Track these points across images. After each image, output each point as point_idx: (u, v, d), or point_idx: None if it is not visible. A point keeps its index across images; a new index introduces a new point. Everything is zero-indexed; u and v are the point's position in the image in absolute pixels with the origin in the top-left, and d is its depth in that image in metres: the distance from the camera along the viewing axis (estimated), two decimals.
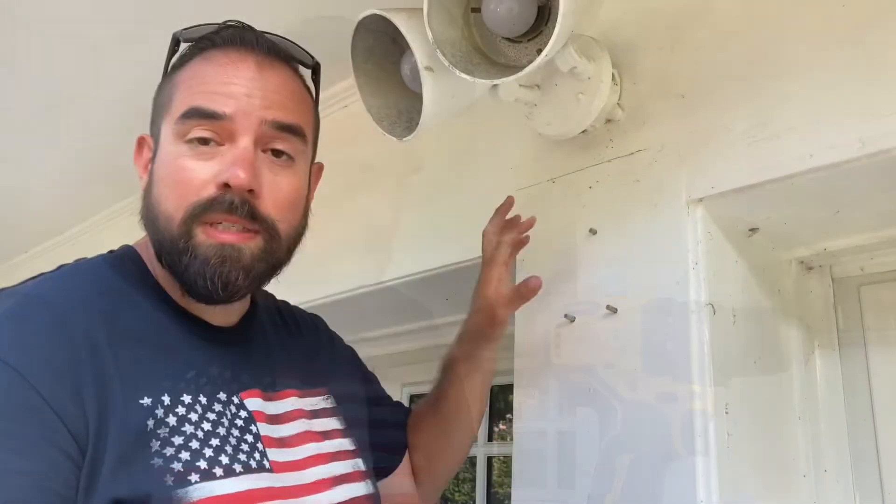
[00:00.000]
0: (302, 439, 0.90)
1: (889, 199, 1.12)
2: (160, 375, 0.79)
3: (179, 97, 0.86)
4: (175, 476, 0.74)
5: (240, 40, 0.87)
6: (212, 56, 0.87)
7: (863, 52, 1.02)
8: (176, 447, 0.76)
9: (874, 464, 1.21)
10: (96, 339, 0.76)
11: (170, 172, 0.84)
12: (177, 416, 0.78)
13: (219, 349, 0.88)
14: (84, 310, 0.78)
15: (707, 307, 1.11)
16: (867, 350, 1.27)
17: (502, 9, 1.07)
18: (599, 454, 1.15)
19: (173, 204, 0.83)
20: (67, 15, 1.63)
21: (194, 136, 0.83)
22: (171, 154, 0.84)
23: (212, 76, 0.85)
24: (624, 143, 1.25)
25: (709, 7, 1.19)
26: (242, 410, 0.85)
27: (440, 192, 1.61)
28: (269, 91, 0.86)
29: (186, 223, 0.82)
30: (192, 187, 0.82)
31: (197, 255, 0.82)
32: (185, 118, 0.83)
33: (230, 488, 0.77)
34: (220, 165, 0.83)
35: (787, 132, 1.07)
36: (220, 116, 0.83)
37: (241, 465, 0.80)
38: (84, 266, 0.87)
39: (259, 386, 0.89)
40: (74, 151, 2.25)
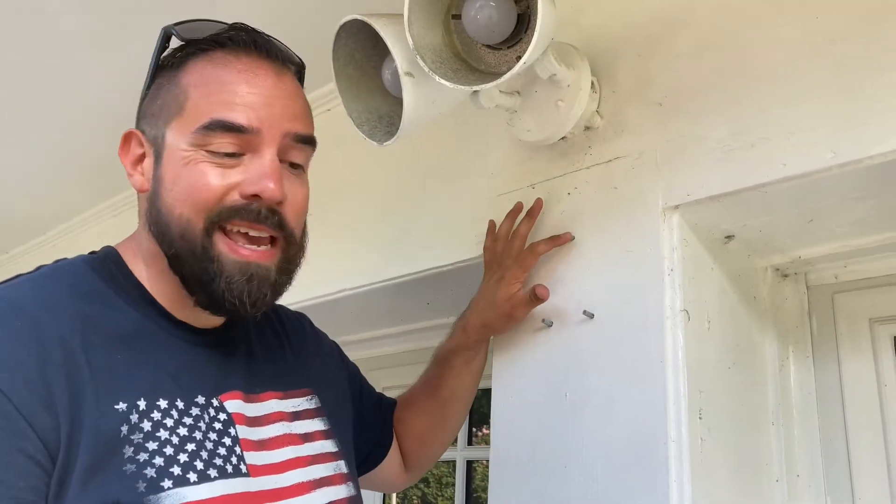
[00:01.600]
0: (281, 442, 0.90)
1: (861, 209, 1.14)
2: (136, 379, 0.79)
3: (194, 103, 0.84)
4: (148, 482, 0.74)
5: (253, 45, 0.87)
6: (223, 60, 0.86)
7: (835, 63, 1.04)
8: (150, 452, 0.76)
9: (846, 469, 1.23)
10: (70, 344, 0.76)
11: (188, 180, 0.83)
12: (152, 421, 0.78)
13: (200, 351, 0.88)
14: (59, 314, 0.78)
15: (682, 313, 1.12)
16: (840, 357, 1.29)
17: (482, 16, 1.08)
18: (574, 459, 1.15)
19: (191, 209, 0.82)
20: (49, 12, 1.62)
21: (218, 149, 0.83)
22: (187, 160, 0.83)
23: (230, 84, 0.84)
24: (602, 150, 1.26)
25: (687, 17, 1.21)
26: (222, 413, 0.85)
27: (421, 197, 1.61)
28: (288, 99, 0.87)
29: (207, 229, 0.82)
30: (213, 194, 0.82)
31: (222, 268, 0.82)
32: (207, 130, 0.82)
33: (204, 494, 0.77)
34: (244, 175, 0.83)
35: (762, 141, 1.09)
36: (245, 130, 0.83)
37: (217, 470, 0.80)
38: (63, 267, 0.86)
39: (240, 388, 0.89)
40: (55, 151, 2.23)
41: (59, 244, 2.83)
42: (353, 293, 1.70)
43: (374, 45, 1.18)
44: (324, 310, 1.85)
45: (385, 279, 1.63)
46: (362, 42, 1.19)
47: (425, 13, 1.10)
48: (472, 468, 2.02)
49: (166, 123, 0.86)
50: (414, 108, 1.12)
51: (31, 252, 2.97)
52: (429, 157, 1.62)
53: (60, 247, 2.80)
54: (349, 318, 1.96)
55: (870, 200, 1.11)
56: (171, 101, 0.86)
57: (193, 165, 0.83)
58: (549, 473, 1.18)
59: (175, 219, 0.83)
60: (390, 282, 1.63)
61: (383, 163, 1.71)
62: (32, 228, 2.88)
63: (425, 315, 1.88)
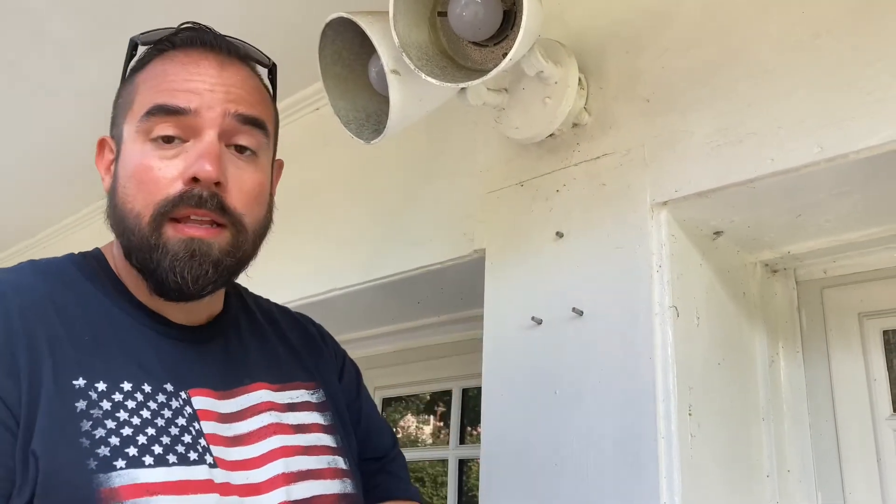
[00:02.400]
0: (265, 433, 0.89)
1: (848, 203, 1.14)
2: (100, 360, 0.81)
3: (141, 97, 0.86)
4: (100, 461, 0.75)
5: (199, 41, 0.88)
6: (172, 56, 0.88)
7: (821, 58, 1.04)
8: (107, 430, 0.77)
9: (836, 464, 1.23)
10: (31, 320, 0.78)
11: (135, 171, 0.84)
12: (112, 402, 0.78)
13: (174, 346, 0.88)
14: (23, 292, 0.81)
15: (671, 309, 1.12)
16: (829, 352, 1.29)
17: (468, 13, 1.08)
18: (565, 456, 1.15)
19: (141, 202, 0.83)
20: (35, 14, 1.62)
21: (158, 133, 0.84)
22: (135, 153, 0.85)
23: (173, 74, 0.86)
24: (590, 146, 1.26)
25: (674, 13, 1.21)
26: (188, 406, 0.84)
27: (410, 196, 1.61)
28: (231, 86, 0.87)
29: (156, 220, 0.83)
30: (159, 185, 0.83)
31: (167, 251, 0.82)
32: (148, 116, 0.84)
33: (157, 477, 0.77)
34: (186, 161, 0.83)
35: (749, 137, 1.09)
36: (183, 111, 0.83)
37: (177, 457, 0.80)
38: (43, 260, 0.88)
39: (212, 385, 0.88)
40: (45, 154, 2.23)
41: (50, 247, 2.82)
42: (343, 293, 1.70)
43: (362, 43, 1.17)
44: (314, 309, 1.84)
45: (375, 278, 1.63)
46: (349, 40, 1.18)
47: (411, 10, 1.10)
48: (468, 467, 2.02)
49: (122, 121, 0.88)
50: (401, 107, 1.12)
51: (21, 255, 2.96)
52: (417, 156, 1.61)
53: (51, 249, 2.79)
54: (340, 317, 1.95)
55: (857, 195, 1.11)
56: (126, 101, 0.89)
57: (140, 160, 0.84)
58: (539, 471, 1.18)
59: (128, 213, 0.85)
60: (380, 281, 1.62)
61: (371, 161, 1.71)
62: (23, 231, 2.87)
63: (416, 314, 1.87)
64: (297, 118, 1.92)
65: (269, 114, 0.93)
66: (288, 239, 1.86)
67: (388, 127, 1.13)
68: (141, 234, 0.83)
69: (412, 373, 2.11)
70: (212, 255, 0.84)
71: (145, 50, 0.91)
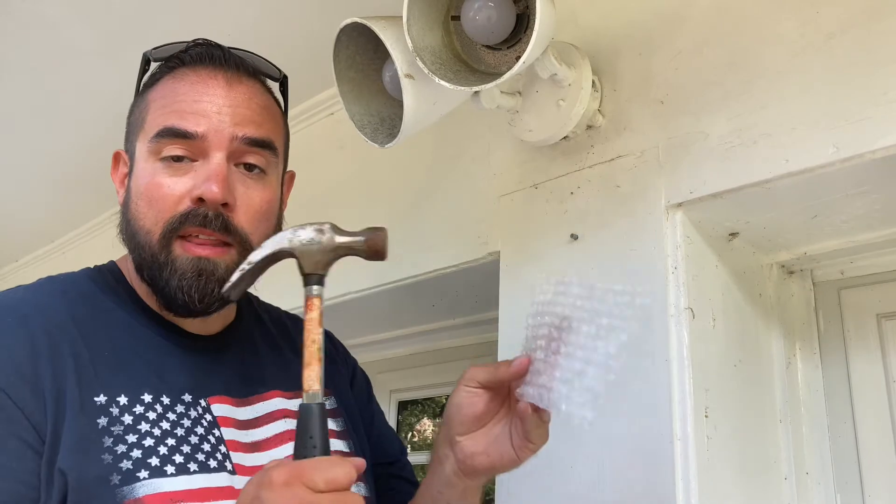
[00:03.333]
0: (281, 440, 0.91)
1: (864, 203, 1.13)
2: (121, 375, 0.82)
3: (152, 116, 0.89)
4: (123, 475, 0.77)
5: (209, 58, 0.90)
6: (182, 75, 0.90)
7: (835, 58, 1.04)
8: (129, 444, 0.78)
9: (855, 466, 1.22)
10: (56, 339, 0.80)
11: (146, 189, 0.87)
12: (133, 415, 0.80)
13: (191, 356, 0.89)
14: (46, 312, 0.82)
15: (686, 311, 1.12)
16: (847, 353, 1.28)
17: (481, 17, 1.08)
18: (581, 458, 1.15)
19: (151, 220, 0.86)
20: (55, 23, 1.64)
21: (168, 154, 0.86)
22: (146, 171, 0.88)
23: (182, 95, 0.88)
24: (605, 148, 1.26)
25: (687, 14, 1.21)
26: (207, 414, 0.86)
27: (425, 199, 1.61)
28: (239, 107, 0.89)
29: (165, 237, 0.85)
30: (168, 203, 0.85)
31: (175, 269, 0.85)
32: (158, 137, 0.87)
33: (180, 485, 0.79)
34: (194, 181, 0.86)
35: (764, 138, 1.08)
36: (192, 136, 0.86)
37: (198, 465, 0.81)
38: (60, 276, 0.91)
39: (228, 392, 0.90)
40: (64, 160, 2.25)
41: (69, 252, 2.84)
42: (358, 296, 1.71)
43: (376, 48, 1.18)
44: (329, 313, 1.84)
45: (389, 281, 1.63)
46: (363, 45, 1.19)
47: (424, 15, 1.10)
48: None
49: (135, 138, 0.91)
50: (415, 110, 1.12)
51: (40, 260, 2.99)
52: (431, 159, 1.62)
53: (69, 255, 2.82)
54: (355, 320, 1.96)
55: (873, 195, 1.11)
56: (138, 118, 0.91)
57: (151, 178, 0.87)
58: (555, 472, 1.18)
59: (139, 229, 0.87)
60: (395, 284, 1.63)
61: (385, 165, 1.72)
62: (41, 237, 2.90)
63: (430, 317, 1.88)
64: (312, 123, 1.93)
65: (279, 130, 0.95)
66: None
67: (402, 131, 1.14)
68: (151, 250, 0.86)
69: (427, 376, 2.11)
70: (217, 273, 0.85)
71: (157, 66, 0.93)
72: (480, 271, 1.48)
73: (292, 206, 2.07)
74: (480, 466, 0.86)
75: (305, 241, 0.81)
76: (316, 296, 0.80)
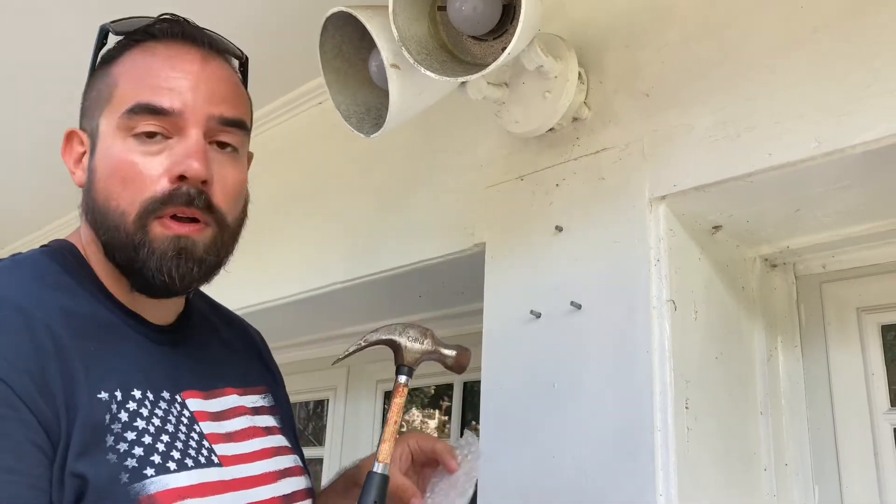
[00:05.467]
0: (247, 434, 0.91)
1: (847, 198, 1.14)
2: (111, 370, 0.80)
3: (122, 91, 0.85)
4: (130, 472, 0.75)
5: (181, 33, 0.87)
6: (153, 49, 0.86)
7: (819, 53, 1.04)
8: (129, 442, 0.77)
9: (833, 457, 1.24)
10: (57, 333, 0.76)
11: (118, 168, 0.83)
12: (128, 412, 0.78)
13: (160, 348, 0.88)
14: (39, 303, 0.78)
15: (668, 303, 1.13)
16: (828, 346, 1.29)
17: (467, 7, 1.09)
18: (563, 449, 1.16)
19: (126, 200, 0.82)
20: (46, 10, 1.63)
21: (141, 130, 0.83)
22: (116, 149, 0.83)
23: (156, 70, 0.85)
24: (590, 141, 1.27)
25: (673, 7, 1.21)
26: (185, 410, 0.85)
27: (411, 189, 1.62)
28: (215, 85, 0.86)
29: (142, 218, 0.82)
30: (145, 182, 0.82)
31: (153, 249, 0.82)
32: (131, 113, 0.83)
33: (184, 481, 0.78)
34: (171, 158, 0.83)
35: (748, 131, 1.09)
36: (168, 112, 0.83)
37: (192, 460, 0.81)
38: (24, 260, 0.85)
39: (198, 386, 0.89)
40: (47, 147, 2.23)
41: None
42: (344, 286, 1.71)
43: (362, 37, 1.18)
44: (317, 303, 1.86)
45: (376, 272, 1.64)
46: (349, 34, 1.19)
47: (411, 5, 1.10)
48: None
49: (99, 114, 0.86)
50: (400, 100, 1.12)
51: (28, 247, 2.97)
52: (417, 150, 1.62)
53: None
54: (342, 310, 1.96)
55: (855, 189, 1.11)
56: (102, 91, 0.87)
57: (123, 156, 0.83)
58: (538, 463, 1.19)
59: (111, 210, 0.83)
60: (381, 274, 1.63)
61: (372, 155, 1.72)
62: (28, 224, 2.88)
63: (417, 307, 1.88)
64: (299, 112, 1.93)
65: (248, 111, 0.93)
66: (290, 232, 1.87)
67: (388, 121, 1.14)
68: (126, 231, 0.82)
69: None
70: (196, 252, 0.84)
71: (119, 40, 0.89)
72: (466, 262, 1.48)
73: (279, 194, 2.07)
74: None
75: (412, 338, 1.00)
76: (405, 385, 0.99)
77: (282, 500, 0.90)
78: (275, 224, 1.87)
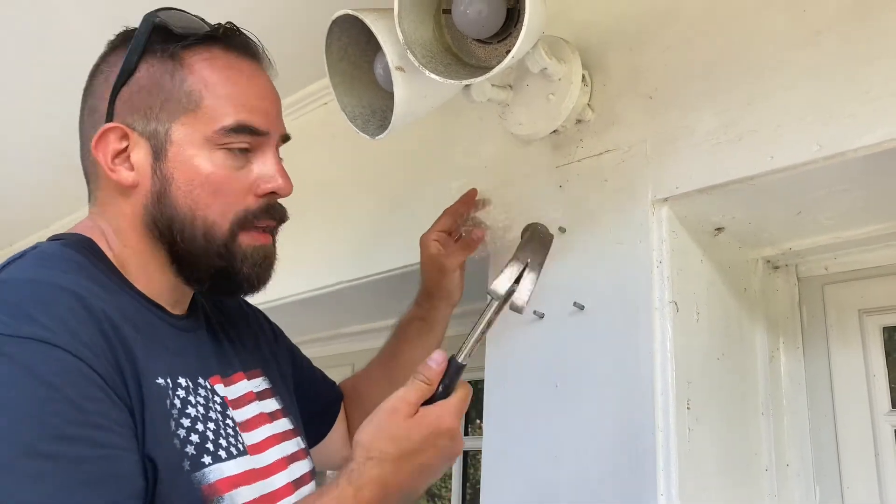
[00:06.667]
0: (258, 422, 0.94)
1: (849, 200, 1.15)
2: (159, 358, 0.81)
3: (212, 103, 0.87)
4: (190, 460, 0.78)
5: (248, 48, 0.94)
6: (228, 62, 0.91)
7: (821, 56, 1.05)
8: (186, 429, 0.79)
9: (834, 458, 1.24)
10: (115, 321, 0.77)
11: (209, 180, 0.87)
12: (180, 399, 0.81)
13: (186, 335, 0.91)
14: (91, 293, 0.78)
15: (671, 304, 1.13)
16: (829, 348, 1.30)
17: (472, 11, 1.09)
18: (565, 448, 1.17)
19: (216, 211, 0.87)
20: (54, 5, 1.64)
21: (236, 146, 0.88)
22: (203, 160, 0.87)
23: (244, 87, 0.90)
24: (593, 143, 1.27)
25: (676, 10, 1.22)
26: (216, 396, 0.88)
27: (416, 190, 1.63)
28: (279, 105, 0.96)
29: (233, 230, 0.88)
30: (237, 196, 0.89)
31: (246, 258, 0.89)
32: (231, 132, 0.88)
33: (234, 469, 0.82)
34: (256, 174, 0.90)
35: (750, 134, 1.10)
36: (262, 133, 0.90)
37: (235, 448, 0.84)
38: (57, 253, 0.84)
39: (220, 372, 0.92)
40: (58, 144, 2.25)
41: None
42: (349, 285, 1.72)
43: (368, 40, 1.19)
44: (321, 301, 1.87)
45: (382, 271, 1.65)
46: (355, 37, 1.20)
47: (416, 8, 1.11)
48: (476, 459, 2.04)
49: (172, 119, 0.86)
50: (406, 103, 1.13)
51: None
52: (422, 151, 1.63)
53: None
54: (348, 309, 1.98)
55: (857, 192, 1.12)
56: (178, 96, 0.87)
57: (214, 167, 0.87)
58: (540, 463, 1.20)
59: (198, 219, 0.87)
60: (387, 273, 1.64)
61: (376, 156, 1.73)
62: (37, 221, 2.90)
63: None
64: (305, 113, 1.94)
65: None
66: (296, 232, 1.88)
67: (393, 123, 1.15)
68: (217, 241, 0.87)
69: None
70: (274, 259, 0.95)
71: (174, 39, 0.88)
72: (470, 262, 1.49)
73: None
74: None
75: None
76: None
77: (293, 485, 0.93)
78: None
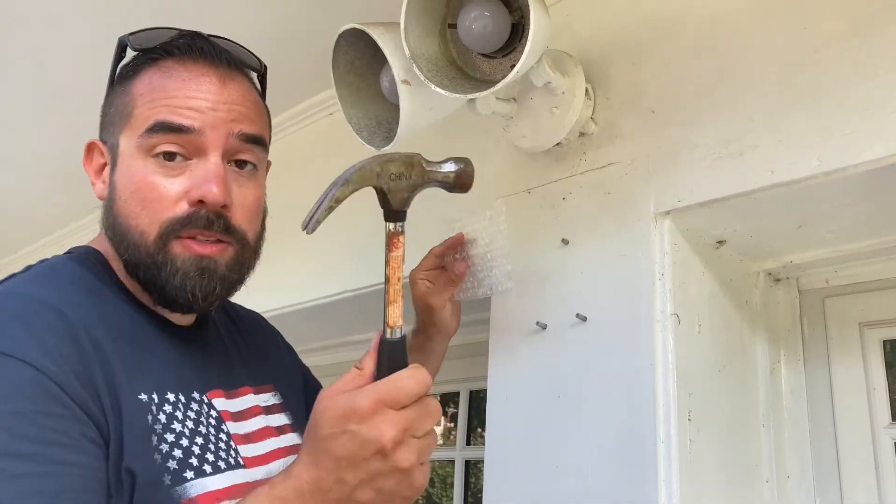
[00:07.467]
0: (263, 434, 0.93)
1: (850, 215, 1.16)
2: (147, 372, 0.82)
3: (140, 110, 0.86)
4: (172, 474, 0.77)
5: (198, 52, 0.88)
6: (169, 68, 0.87)
7: (821, 72, 1.06)
8: (169, 444, 0.79)
9: (835, 471, 1.25)
10: (96, 336, 0.78)
11: (139, 189, 0.85)
12: (165, 414, 0.80)
13: (186, 349, 0.91)
14: (78, 307, 0.79)
15: (672, 317, 1.14)
16: (830, 360, 1.31)
17: (477, 26, 1.11)
18: (566, 459, 1.18)
19: (145, 221, 0.84)
20: (57, 16, 1.65)
21: (161, 150, 0.84)
22: (137, 169, 0.85)
23: (174, 90, 0.86)
24: (596, 156, 1.29)
25: (679, 26, 1.23)
26: (212, 410, 0.88)
27: (420, 202, 1.63)
28: (234, 103, 0.88)
29: (162, 239, 0.84)
30: (164, 204, 0.84)
31: (177, 269, 0.84)
32: (150, 132, 0.84)
33: (219, 484, 0.81)
34: (191, 181, 0.85)
35: (751, 149, 1.11)
36: (187, 130, 0.84)
37: (224, 462, 0.83)
38: (57, 266, 0.87)
39: (221, 385, 0.92)
40: (62, 153, 2.27)
41: (67, 245, 2.84)
42: (354, 294, 1.73)
43: (374, 53, 1.20)
44: (326, 311, 1.88)
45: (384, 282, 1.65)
46: (362, 50, 1.22)
47: (421, 22, 1.13)
48: (478, 469, 2.04)
49: (119, 131, 0.88)
50: (411, 115, 1.15)
51: (38, 252, 3.01)
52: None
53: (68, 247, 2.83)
54: (351, 319, 1.99)
55: (857, 207, 1.13)
56: (121, 109, 0.88)
57: (143, 176, 0.85)
58: (541, 473, 1.20)
59: (132, 228, 0.85)
60: None
61: None
62: (40, 229, 2.92)
63: None
64: (311, 122, 1.95)
65: (267, 126, 0.95)
66: (301, 241, 1.89)
67: (399, 135, 1.16)
68: (147, 251, 0.84)
69: None
70: (218, 271, 0.86)
71: (137, 55, 0.90)
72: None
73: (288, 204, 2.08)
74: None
75: (395, 175, 0.81)
76: (401, 233, 0.80)
77: None
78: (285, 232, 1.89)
